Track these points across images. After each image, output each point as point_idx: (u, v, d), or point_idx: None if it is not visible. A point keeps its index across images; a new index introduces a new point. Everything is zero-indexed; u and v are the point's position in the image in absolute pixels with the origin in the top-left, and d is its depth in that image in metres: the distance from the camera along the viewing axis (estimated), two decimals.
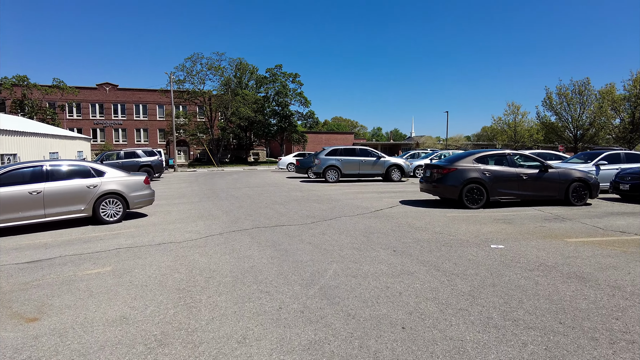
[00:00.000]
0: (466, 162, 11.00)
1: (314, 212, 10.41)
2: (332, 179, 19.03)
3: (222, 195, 14.89)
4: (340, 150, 19.36)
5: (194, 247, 6.82)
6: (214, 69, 52.94)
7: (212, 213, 10.59)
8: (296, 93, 58.80)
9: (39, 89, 45.00)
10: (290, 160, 30.62)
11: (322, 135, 74.35)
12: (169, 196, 14.96)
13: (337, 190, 15.81)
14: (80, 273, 5.46)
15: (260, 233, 7.85)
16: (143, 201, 9.95)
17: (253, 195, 14.62)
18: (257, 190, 16.16)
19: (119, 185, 9.46)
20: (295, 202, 12.43)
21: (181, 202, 13.00)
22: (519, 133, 52.25)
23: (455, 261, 5.73)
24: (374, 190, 15.48)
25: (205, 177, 27.19)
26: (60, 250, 6.82)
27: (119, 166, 22.98)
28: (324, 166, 18.96)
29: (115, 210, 9.38)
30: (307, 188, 16.76)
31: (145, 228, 8.67)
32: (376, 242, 6.95)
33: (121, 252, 6.57)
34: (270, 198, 13.53)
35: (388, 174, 19.36)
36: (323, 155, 19.15)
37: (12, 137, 19.31)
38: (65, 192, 8.70)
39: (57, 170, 8.86)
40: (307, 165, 22.40)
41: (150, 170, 23.20)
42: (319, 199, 12.92)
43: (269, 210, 10.89)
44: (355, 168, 19.15)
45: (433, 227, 8.23)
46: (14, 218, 8.10)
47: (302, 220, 9.25)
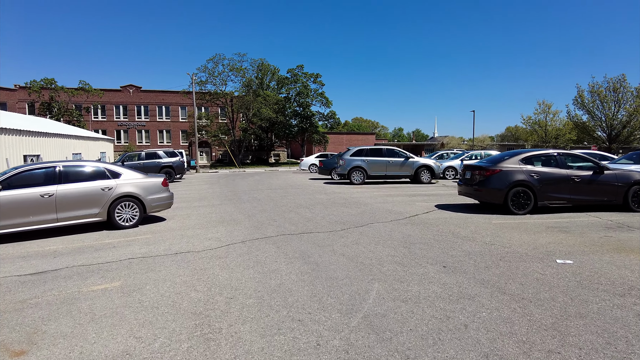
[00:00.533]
0: (511, 163, 9.94)
1: (342, 217, 9.57)
2: (357, 180, 18.13)
3: (244, 197, 14.22)
4: (366, 151, 18.45)
5: (214, 257, 6.08)
6: (235, 70, 52.82)
7: (233, 217, 9.89)
8: (317, 93, 58.16)
9: (65, 91, 45.82)
10: (313, 161, 29.87)
11: (343, 136, 73.47)
12: (190, 198, 14.40)
13: (364, 192, 14.92)
14: (85, 289, 4.79)
15: (286, 241, 7.06)
16: (161, 205, 9.33)
17: (276, 197, 13.89)
18: (280, 193, 15.43)
19: (135, 187, 8.86)
20: (321, 205, 11.62)
21: (202, 205, 12.38)
22: (550, 133, 49.92)
23: (521, 280, 4.78)
24: (404, 193, 14.51)
25: (226, 178, 26.74)
26: (69, 259, 6.20)
27: (140, 167, 22.80)
28: (349, 167, 18.09)
29: (131, 214, 8.78)
30: (332, 190, 15.93)
31: (162, 234, 8.02)
32: (420, 254, 6.05)
33: (133, 263, 5.89)
34: (294, 201, 12.76)
35: (417, 175, 18.33)
36: (348, 156, 18.28)
37: (35, 138, 19.23)
38: (79, 195, 8.14)
39: (70, 172, 8.32)
40: (331, 167, 21.57)
41: (172, 172, 22.85)
42: (346, 203, 12.07)
43: (294, 214, 10.11)
44: (382, 169, 18.20)
45: (481, 236, 7.26)
46: (24, 223, 7.58)
47: (330, 226, 8.42)
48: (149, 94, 61.24)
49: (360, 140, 75.47)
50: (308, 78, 57.92)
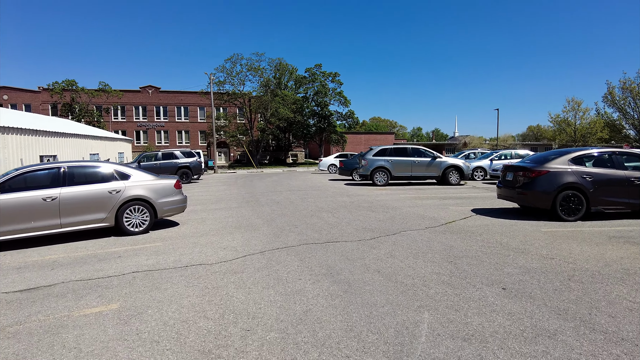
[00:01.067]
0: (559, 163, 8.86)
1: (370, 223, 8.67)
2: (380, 182, 17.17)
3: (263, 200, 13.46)
4: (390, 150, 17.46)
5: (229, 272, 5.28)
6: (253, 70, 52.45)
7: (251, 222, 9.11)
8: (336, 92, 57.25)
9: (85, 92, 46.22)
10: (332, 161, 29.00)
11: (361, 136, 72.43)
12: (205, 200, 13.73)
13: (389, 195, 13.96)
14: (76, 312, 4.05)
15: (309, 252, 6.22)
16: (173, 208, 8.61)
17: (295, 200, 13.08)
18: (300, 195, 14.62)
19: (145, 190, 8.17)
20: (345, 209, 10.74)
21: (218, 208, 11.66)
22: (579, 131, 47.71)
23: (608, 311, 3.81)
24: (434, 196, 13.48)
25: (244, 179, 26.14)
26: (67, 272, 5.50)
27: (156, 168, 22.37)
28: (372, 168, 17.14)
29: (141, 219, 8.09)
30: (354, 192, 15.03)
31: (174, 242, 7.29)
32: (470, 271, 5.11)
33: (137, 278, 5.14)
34: (315, 204, 11.92)
35: (444, 176, 17.24)
36: (370, 156, 17.33)
37: (52, 139, 18.97)
38: (84, 199, 7.48)
39: (76, 173, 7.67)
40: (352, 167, 20.66)
41: (189, 172, 22.35)
42: (372, 206, 11.16)
43: (316, 219, 9.26)
44: (407, 170, 17.19)
45: (535, 248, 6.26)
46: (25, 229, 6.95)
47: (358, 234, 7.54)
48: (168, 94, 61.51)
49: (379, 140, 74.21)
50: (326, 77, 57.10)
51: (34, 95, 56.75)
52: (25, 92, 57.04)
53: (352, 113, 59.03)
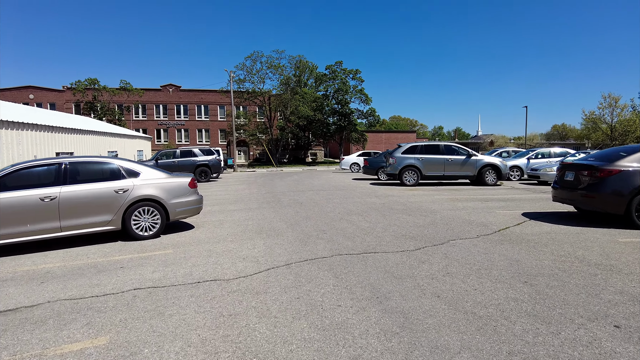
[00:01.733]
0: (634, 160, 7.53)
1: (409, 229, 7.55)
2: (410, 181, 15.95)
3: (284, 200, 12.47)
4: (420, 148, 16.22)
5: (249, 292, 4.28)
6: (273, 68, 51.77)
7: (274, 226, 8.11)
8: (357, 90, 55.96)
9: (107, 90, 46.39)
10: (354, 160, 27.85)
11: (381, 135, 70.91)
12: (224, 200, 12.84)
13: (422, 196, 12.77)
14: (52, 350, 3.11)
15: (345, 266, 5.16)
16: (187, 210, 7.70)
17: (320, 201, 12.04)
18: (324, 195, 13.57)
19: (156, 189, 7.27)
20: (377, 212, 9.64)
21: (237, 209, 10.73)
22: (617, 129, 45.11)
23: None
24: (473, 197, 12.22)
25: (264, 177, 25.28)
26: (58, 287, 4.61)
27: (174, 166, 21.70)
28: (401, 166, 15.94)
29: (151, 222, 7.20)
30: (383, 193, 13.88)
31: (186, 249, 6.35)
32: (555, 297, 3.96)
33: (138, 298, 4.20)
34: (343, 205, 10.85)
35: (480, 176, 15.90)
36: (399, 154, 16.14)
37: (69, 135, 18.50)
38: (87, 199, 6.63)
39: (79, 170, 6.83)
40: (377, 166, 19.49)
41: (208, 171, 21.62)
42: (407, 209, 10.01)
43: (346, 223, 8.20)
44: (439, 168, 15.93)
45: (625, 264, 5.03)
46: (18, 233, 6.13)
47: (399, 243, 6.44)
48: (188, 93, 61.50)
49: (400, 138, 72.44)
50: (347, 74, 55.87)
51: (58, 94, 57.57)
52: (50, 91, 57.95)
53: (374, 111, 57.61)
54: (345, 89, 54.43)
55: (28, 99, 56.22)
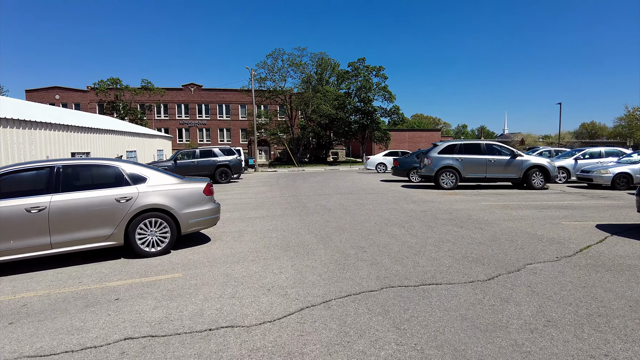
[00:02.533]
0: None
1: (467, 247, 6.20)
2: (448, 184, 14.48)
3: (310, 205, 11.25)
4: (459, 147, 14.71)
5: (277, 351, 3.06)
6: (294, 65, 50.80)
7: (302, 240, 6.90)
8: (380, 87, 54.33)
9: (129, 90, 46.33)
10: (380, 159, 26.39)
11: (404, 133, 68.93)
12: (245, 205, 11.72)
13: (466, 202, 11.33)
14: None
15: (403, 307, 3.88)
16: (202, 221, 6.56)
17: (350, 207, 10.76)
18: (353, 200, 12.29)
19: (165, 197, 6.16)
20: (420, 222, 8.30)
21: (259, 217, 9.57)
22: None
23: None
24: (526, 204, 10.70)
25: (286, 178, 24.17)
26: (26, 333, 3.50)
27: (193, 166, 20.80)
28: (437, 167, 14.48)
29: (159, 235, 6.10)
30: (420, 197, 12.48)
31: (199, 271, 5.20)
32: None
33: (127, 357, 3.03)
34: (378, 213, 9.55)
35: (526, 178, 14.28)
36: (435, 154, 14.68)
37: (84, 135, 17.82)
38: (83, 209, 5.57)
39: (74, 175, 5.80)
40: (408, 166, 18.03)
41: (228, 171, 20.65)
42: (455, 218, 8.63)
43: (387, 237, 6.91)
44: (480, 170, 14.39)
45: None
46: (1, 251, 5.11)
47: (462, 268, 5.11)
48: (210, 92, 61.20)
49: (424, 137, 70.28)
50: (370, 71, 54.32)
51: (83, 94, 58.19)
52: (75, 91, 58.64)
53: (397, 109, 55.88)
54: (368, 86, 52.92)
55: (54, 99, 57.03)
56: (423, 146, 62.05)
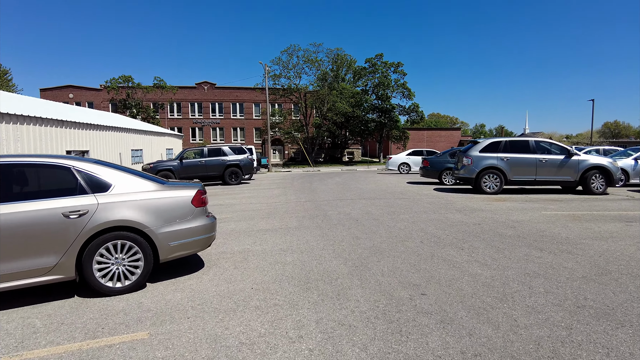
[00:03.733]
0: None
1: (570, 286, 4.23)
2: (491, 188, 12.40)
3: (332, 213, 9.37)
4: (504, 144, 12.62)
5: None
6: (310, 62, 49.01)
7: (327, 269, 5.01)
8: (398, 84, 52.11)
9: (141, 87, 45.20)
10: (403, 159, 24.30)
11: (423, 132, 66.42)
12: (254, 213, 9.91)
13: (523, 210, 9.30)
14: None
15: None
16: (189, 243, 4.74)
17: (381, 216, 8.85)
18: (382, 206, 10.36)
19: (137, 210, 4.37)
20: (481, 241, 6.33)
21: (269, 229, 7.74)
22: None
23: None
24: (599, 214, 8.59)
25: (301, 179, 22.34)
26: None
27: (201, 166, 19.14)
28: (479, 168, 12.41)
29: (128, 265, 4.32)
30: (464, 204, 10.47)
31: (173, 329, 3.38)
32: None
33: None
34: (419, 226, 7.61)
35: (584, 181, 12.12)
36: (476, 152, 12.61)
37: (84, 131, 16.30)
38: (14, 229, 3.81)
39: (6, 179, 4.03)
40: (441, 167, 15.96)
41: (238, 172, 18.91)
42: (523, 235, 6.64)
43: (447, 267, 4.98)
44: (528, 171, 12.27)
45: None
46: None
47: (592, 333, 3.16)
48: (223, 90, 59.88)
49: (444, 136, 67.75)
50: (388, 67, 52.14)
51: (96, 93, 57.63)
52: (89, 90, 58.15)
53: (417, 106, 53.52)
54: (386, 82, 50.76)
55: (68, 98, 56.57)
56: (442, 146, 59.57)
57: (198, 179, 19.26)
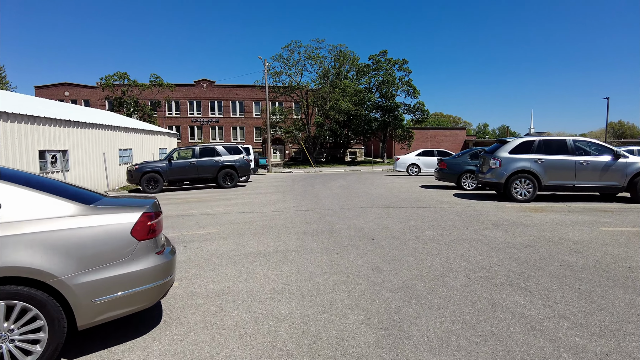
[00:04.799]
0: None
1: None
2: (523, 194, 10.68)
3: (341, 228, 7.66)
4: (538, 144, 10.88)
5: None
6: (312, 58, 47.32)
7: (343, 334, 3.30)
8: (403, 82, 50.33)
9: (137, 85, 43.51)
10: (412, 160, 22.55)
11: (427, 132, 64.79)
12: (245, 226, 8.21)
13: (572, 225, 7.58)
14: None
15: None
16: (124, 299, 3.03)
17: (402, 233, 7.14)
18: (399, 217, 8.66)
19: (34, 250, 2.68)
20: (551, 277, 4.63)
21: (261, 254, 6.03)
22: None
23: None
24: None
25: (303, 181, 20.63)
26: None
27: (192, 167, 17.25)
28: (509, 171, 10.68)
29: (18, 341, 2.62)
30: (498, 216, 8.75)
31: None
32: None
33: None
34: (456, 249, 5.89)
35: (633, 187, 10.39)
36: (505, 153, 10.88)
37: (60, 129, 14.60)
38: None
39: None
40: (459, 170, 14.21)
41: (233, 173, 17.20)
42: (606, 268, 4.93)
43: (527, 333, 3.27)
44: (567, 176, 10.54)
45: None
46: None
47: None
48: (223, 88, 58.20)
49: (448, 136, 66.09)
50: (392, 65, 50.36)
51: (92, 91, 56.09)
52: (85, 88, 56.67)
53: (422, 105, 51.63)
54: (390, 80, 48.99)
55: (64, 96, 55.08)
56: (446, 146, 57.72)
57: (189, 182, 17.68)
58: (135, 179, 15.94)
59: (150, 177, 15.91)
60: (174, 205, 11.91)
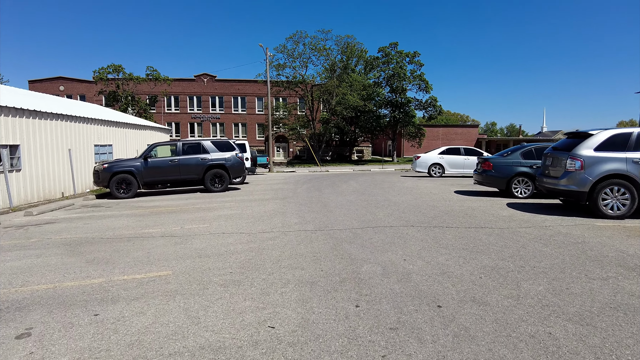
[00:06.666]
0: None
1: None
2: (617, 208, 7.62)
3: (373, 274, 4.70)
4: (637, 138, 7.83)
5: None
6: (317, 50, 44.27)
7: None
8: (415, 75, 47.06)
9: (132, 78, 40.66)
10: (436, 159, 19.39)
11: (438, 129, 61.66)
12: (216, 267, 5.27)
13: None
14: None
15: None
16: None
17: (484, 288, 4.18)
18: (459, 248, 5.68)
19: None
20: None
21: (223, 349, 3.05)
22: None
23: None
24: None
25: (308, 184, 17.63)
26: None
27: (174, 166, 14.01)
28: (596, 176, 7.63)
29: None
30: (607, 245, 5.74)
31: None
32: None
33: None
34: (614, 347, 2.91)
35: None
36: (589, 151, 7.84)
37: (9, 118, 11.74)
38: None
39: None
40: (509, 172, 11.02)
41: (224, 175, 14.26)
42: None
43: None
44: None
45: None
46: None
47: None
48: (224, 83, 55.30)
49: (460, 134, 62.86)
50: (403, 57, 47.12)
51: (88, 85, 53.51)
52: (81, 82, 54.27)
53: (435, 100, 48.36)
54: (401, 74, 45.75)
55: (58, 90, 52.58)
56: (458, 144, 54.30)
57: (170, 184, 14.71)
58: (103, 180, 13.05)
59: (122, 179, 13.01)
60: (136, 218, 8.98)
